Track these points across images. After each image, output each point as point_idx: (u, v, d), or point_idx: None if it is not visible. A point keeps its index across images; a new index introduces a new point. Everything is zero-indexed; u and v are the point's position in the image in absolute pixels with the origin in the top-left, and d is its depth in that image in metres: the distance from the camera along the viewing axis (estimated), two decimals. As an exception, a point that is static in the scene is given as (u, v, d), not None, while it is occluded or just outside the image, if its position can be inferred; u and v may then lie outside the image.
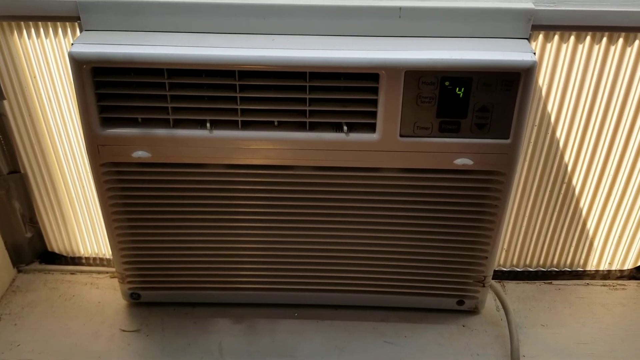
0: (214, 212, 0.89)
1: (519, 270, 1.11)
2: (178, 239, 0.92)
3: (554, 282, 1.09)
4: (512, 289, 1.08)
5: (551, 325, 1.00)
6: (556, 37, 0.84)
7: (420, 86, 0.75)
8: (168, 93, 0.77)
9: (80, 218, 1.07)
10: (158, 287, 0.99)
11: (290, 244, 0.92)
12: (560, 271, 1.11)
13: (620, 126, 0.92)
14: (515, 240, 1.07)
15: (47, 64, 0.89)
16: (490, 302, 1.03)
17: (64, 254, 1.12)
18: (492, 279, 0.98)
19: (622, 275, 1.10)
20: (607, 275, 1.10)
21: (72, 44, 0.74)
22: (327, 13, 0.76)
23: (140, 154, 0.81)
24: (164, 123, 0.79)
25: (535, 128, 0.93)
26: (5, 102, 0.93)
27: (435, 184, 0.84)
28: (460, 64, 0.73)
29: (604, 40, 0.84)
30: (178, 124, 0.80)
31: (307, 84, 0.76)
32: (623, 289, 1.08)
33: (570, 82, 0.88)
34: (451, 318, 1.01)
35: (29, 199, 1.05)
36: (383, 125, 0.78)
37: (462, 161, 0.81)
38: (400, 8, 0.76)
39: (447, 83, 0.75)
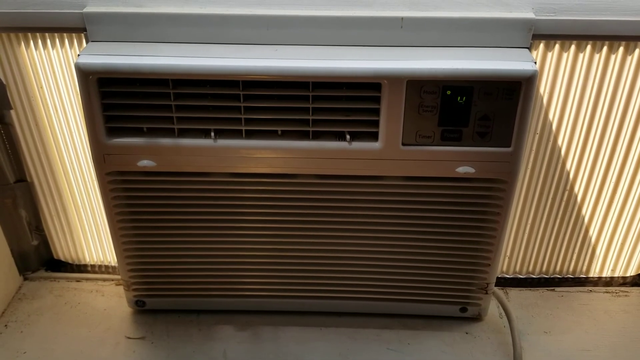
0: (218, 220, 0.89)
1: (521, 277, 1.11)
2: (183, 247, 0.93)
3: (557, 289, 1.09)
4: (515, 296, 1.08)
5: (554, 332, 1.00)
6: (557, 46, 0.84)
7: (422, 95, 0.76)
8: (173, 103, 0.78)
9: (86, 226, 1.08)
10: (163, 295, 1.00)
11: (293, 251, 0.92)
12: (563, 278, 1.11)
13: (622, 133, 0.93)
14: (517, 247, 1.07)
15: (54, 74, 0.90)
16: (493, 309, 1.03)
17: (70, 261, 1.13)
18: (495, 286, 0.98)
19: (624, 282, 1.10)
20: (609, 282, 1.10)
21: (79, 55, 0.76)
22: (329, 23, 0.77)
23: (145, 163, 0.82)
24: (169, 132, 0.80)
25: (537, 136, 0.93)
26: (13, 112, 0.94)
27: (438, 192, 0.85)
28: (462, 73, 0.74)
29: (605, 49, 0.85)
30: (183, 133, 0.80)
31: (310, 94, 0.76)
32: (626, 295, 1.08)
33: (571, 90, 0.88)
34: (454, 325, 1.01)
35: (35, 207, 1.06)
36: (385, 134, 0.79)
37: (464, 169, 0.82)
38: (402, 18, 0.77)
39: (448, 92, 0.76)
